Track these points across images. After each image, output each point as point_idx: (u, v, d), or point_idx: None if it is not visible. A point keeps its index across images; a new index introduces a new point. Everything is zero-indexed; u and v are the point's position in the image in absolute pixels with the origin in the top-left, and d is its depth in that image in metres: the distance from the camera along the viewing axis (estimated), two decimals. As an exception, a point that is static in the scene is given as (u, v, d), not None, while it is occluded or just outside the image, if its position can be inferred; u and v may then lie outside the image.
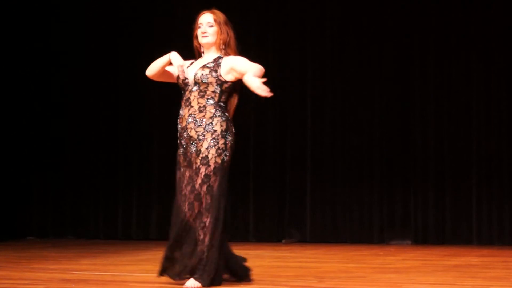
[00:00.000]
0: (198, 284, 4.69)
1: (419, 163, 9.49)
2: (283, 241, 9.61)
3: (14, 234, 9.99)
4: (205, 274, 4.70)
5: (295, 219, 9.76)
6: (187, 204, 4.82)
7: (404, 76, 9.62)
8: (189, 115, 4.84)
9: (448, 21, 9.51)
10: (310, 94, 9.85)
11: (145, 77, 5.13)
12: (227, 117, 4.88)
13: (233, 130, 4.91)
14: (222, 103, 4.89)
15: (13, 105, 10.24)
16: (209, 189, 4.74)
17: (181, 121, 4.90)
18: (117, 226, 10.18)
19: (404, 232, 9.45)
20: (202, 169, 4.75)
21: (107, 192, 10.24)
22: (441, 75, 9.52)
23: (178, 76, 4.94)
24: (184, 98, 4.92)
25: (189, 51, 5.08)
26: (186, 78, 4.92)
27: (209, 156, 4.77)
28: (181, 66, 4.88)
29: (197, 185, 4.75)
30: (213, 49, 4.98)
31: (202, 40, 4.97)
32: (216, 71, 4.87)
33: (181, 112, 4.91)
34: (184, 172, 4.88)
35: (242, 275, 5.03)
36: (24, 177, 10.37)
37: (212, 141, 4.78)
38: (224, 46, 4.97)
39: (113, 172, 10.24)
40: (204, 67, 4.89)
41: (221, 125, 4.82)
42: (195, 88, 4.88)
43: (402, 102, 9.61)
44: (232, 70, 4.88)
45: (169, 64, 4.96)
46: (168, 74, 5.06)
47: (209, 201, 4.74)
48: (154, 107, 10.16)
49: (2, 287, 4.88)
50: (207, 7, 5.07)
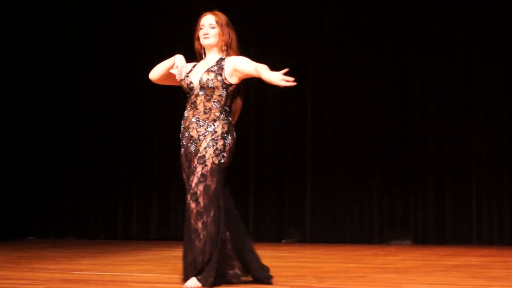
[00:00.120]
0: (199, 284, 4.68)
1: (419, 163, 9.49)
2: (283, 241, 9.61)
3: (14, 234, 9.99)
4: (205, 275, 4.69)
5: (295, 219, 9.76)
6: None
7: (404, 76, 9.62)
8: (194, 115, 4.84)
9: (448, 21, 9.51)
10: (310, 94, 9.84)
11: (145, 77, 5.10)
12: (229, 121, 4.87)
13: (235, 135, 4.89)
14: (227, 107, 4.89)
15: (13, 105, 10.24)
16: (206, 189, 4.71)
17: (185, 121, 4.90)
18: (117, 226, 10.18)
19: (404, 232, 9.45)
20: (199, 168, 4.73)
21: (107, 192, 10.24)
22: (441, 75, 9.52)
23: (182, 79, 4.92)
24: (190, 101, 4.90)
25: (189, 51, 5.07)
26: (191, 83, 4.90)
27: (206, 155, 4.75)
28: (182, 67, 4.87)
29: (193, 184, 4.71)
30: (215, 50, 4.97)
31: (204, 41, 4.95)
32: (221, 75, 4.86)
33: (185, 113, 4.90)
34: (187, 174, 4.87)
35: (262, 278, 4.94)
36: (24, 177, 10.37)
37: (211, 141, 4.77)
38: (226, 47, 4.96)
39: (113, 172, 10.24)
40: (208, 71, 4.87)
41: (223, 127, 4.81)
42: (201, 92, 4.86)
43: (402, 102, 9.61)
44: (235, 71, 4.88)
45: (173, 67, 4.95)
46: (172, 77, 5.02)
47: (206, 201, 4.71)
48: (154, 107, 10.16)
49: (2, 287, 4.88)
50: (207, 7, 5.06)
